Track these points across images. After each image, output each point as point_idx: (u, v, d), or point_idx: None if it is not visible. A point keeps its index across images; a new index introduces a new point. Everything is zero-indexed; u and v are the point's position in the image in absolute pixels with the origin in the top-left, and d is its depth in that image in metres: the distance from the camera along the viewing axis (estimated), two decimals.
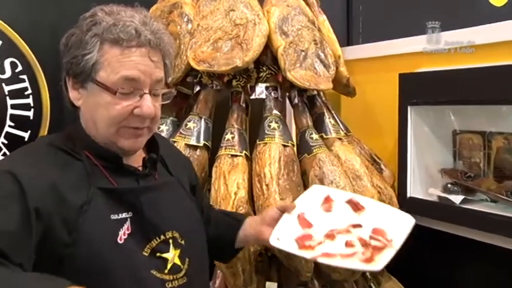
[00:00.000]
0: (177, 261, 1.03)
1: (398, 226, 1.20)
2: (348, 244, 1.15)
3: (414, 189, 1.79)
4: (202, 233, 1.17)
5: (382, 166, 1.87)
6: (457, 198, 1.67)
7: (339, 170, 1.56)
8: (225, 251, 1.31)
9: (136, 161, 1.08)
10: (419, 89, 1.74)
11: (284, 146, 1.56)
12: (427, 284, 1.89)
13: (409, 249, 1.82)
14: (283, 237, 1.17)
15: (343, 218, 1.24)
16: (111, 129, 0.99)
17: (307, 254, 1.14)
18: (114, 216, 0.97)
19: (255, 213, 1.47)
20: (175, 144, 1.56)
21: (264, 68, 1.64)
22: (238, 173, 1.48)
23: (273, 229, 1.19)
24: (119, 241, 0.96)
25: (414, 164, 1.80)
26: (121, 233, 0.96)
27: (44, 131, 1.71)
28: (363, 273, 1.81)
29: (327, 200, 1.29)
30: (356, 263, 1.10)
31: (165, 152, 1.14)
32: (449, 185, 1.72)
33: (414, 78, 1.76)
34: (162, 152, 1.12)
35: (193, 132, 1.57)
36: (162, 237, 1.02)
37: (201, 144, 1.56)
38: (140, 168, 1.07)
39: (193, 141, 1.56)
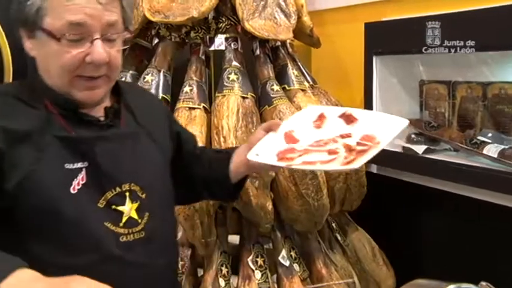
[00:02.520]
0: (134, 215, 1.00)
1: (389, 128, 1.12)
2: (331, 152, 1.09)
3: None
4: (168, 188, 1.13)
5: None
6: (419, 148, 1.66)
7: None
8: (224, 187, 1.25)
9: (101, 111, 1.03)
10: (384, 38, 1.71)
11: (243, 97, 1.54)
12: (392, 232, 1.91)
13: (373, 199, 1.86)
14: (263, 153, 1.12)
15: (333, 131, 1.16)
16: (64, 79, 0.95)
17: (282, 164, 1.09)
18: (68, 166, 0.94)
19: None
20: None
21: (223, 19, 1.61)
22: (196, 126, 1.47)
23: None
24: (71, 191, 0.93)
25: None
26: (75, 182, 0.94)
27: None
28: (329, 225, 1.84)
29: (320, 117, 1.21)
30: (332, 165, 1.05)
31: (135, 101, 1.10)
32: (412, 136, 1.71)
33: (379, 27, 1.73)
34: (131, 101, 1.08)
35: (151, 86, 1.55)
36: (118, 189, 0.99)
37: (160, 98, 1.54)
38: (102, 119, 1.02)
39: None
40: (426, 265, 1.83)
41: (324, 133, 1.17)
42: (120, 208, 0.98)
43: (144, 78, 1.56)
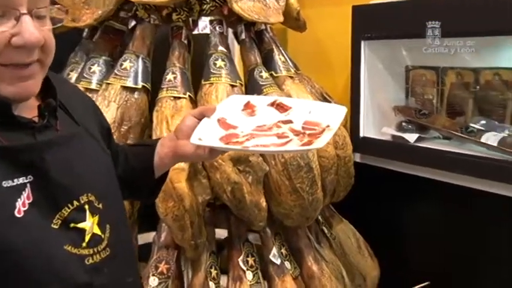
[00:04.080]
0: (97, 231, 0.83)
1: (331, 115, 1.08)
2: (280, 136, 1.04)
3: (367, 129, 1.72)
4: (119, 192, 0.97)
5: None
6: (411, 137, 1.61)
7: None
8: (147, 183, 1.11)
9: (30, 110, 0.82)
10: (373, 22, 1.64)
11: (232, 86, 1.42)
12: (375, 223, 1.86)
13: (359, 190, 1.80)
14: (205, 137, 1.03)
15: (270, 117, 1.11)
16: None
17: (236, 147, 1.02)
18: (7, 183, 0.74)
19: (202, 163, 1.35)
20: (109, 87, 1.39)
21: (207, 0, 1.47)
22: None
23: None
24: (16, 214, 0.74)
25: (367, 103, 1.72)
26: (19, 203, 0.74)
27: None
28: (316, 218, 1.76)
29: (248, 105, 1.15)
30: (295, 147, 1.01)
31: (65, 95, 0.90)
32: (403, 124, 1.65)
33: (368, 10, 1.64)
34: (61, 96, 0.88)
35: (129, 73, 1.40)
36: (76, 203, 0.81)
37: (140, 86, 1.40)
38: (36, 119, 0.82)
39: (130, 83, 1.39)
40: (411, 256, 1.80)
41: (261, 120, 1.11)
42: (80, 225, 0.81)
43: (122, 65, 1.41)
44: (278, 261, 1.51)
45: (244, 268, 1.45)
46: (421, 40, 1.57)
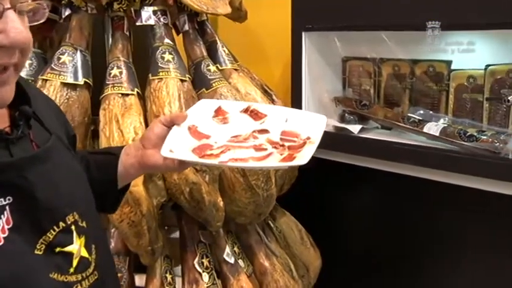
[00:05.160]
0: (84, 253, 0.76)
1: (310, 125, 1.05)
2: (258, 148, 0.99)
3: None
4: (95, 206, 0.89)
5: (274, 97, 1.75)
6: (355, 128, 1.63)
7: None
8: (110, 195, 1.04)
9: (3, 119, 0.74)
10: (315, 12, 1.63)
11: (182, 80, 1.34)
12: (315, 214, 1.89)
13: (303, 182, 1.80)
14: (177, 149, 0.96)
15: (245, 126, 1.06)
16: None
17: (212, 161, 0.96)
18: None
19: None
20: (47, 84, 1.26)
21: None
22: (134, 116, 1.25)
23: (158, 151, 0.96)
24: None
25: (308, 94, 1.72)
26: None
27: None
28: None
29: (219, 111, 1.10)
30: (276, 162, 0.95)
31: (33, 99, 0.80)
32: (346, 115, 1.68)
33: (309, 1, 1.63)
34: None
35: (69, 68, 1.27)
36: (62, 224, 0.73)
37: (81, 82, 1.27)
38: (8, 130, 0.73)
39: (70, 79, 1.26)
40: (355, 246, 1.84)
41: (235, 128, 1.07)
42: (68, 249, 0.73)
43: (59, 58, 1.27)
44: (232, 260, 1.47)
45: (200, 270, 1.39)
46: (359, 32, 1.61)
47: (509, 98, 1.40)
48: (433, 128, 1.48)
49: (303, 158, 0.93)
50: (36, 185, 0.69)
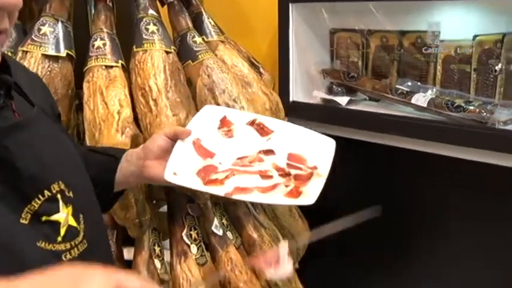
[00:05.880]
0: (72, 222, 0.75)
1: (318, 150, 1.05)
2: (264, 175, 0.99)
3: (296, 93, 1.72)
4: (87, 175, 0.88)
5: (261, 70, 1.74)
6: (343, 100, 1.63)
7: (230, 77, 1.39)
8: (101, 199, 0.98)
9: None
10: None
11: (167, 52, 1.32)
12: None
13: None
14: (181, 171, 0.96)
15: (250, 143, 1.07)
16: None
17: (217, 191, 0.94)
18: None
19: (143, 134, 1.25)
20: (28, 56, 1.23)
21: None
22: (118, 88, 1.23)
23: (160, 162, 0.97)
24: None
25: (296, 66, 1.70)
26: None
27: None
28: None
29: (225, 122, 1.11)
30: (282, 198, 0.94)
31: (15, 71, 0.78)
32: (334, 87, 1.67)
33: None
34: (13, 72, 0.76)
35: (50, 39, 1.24)
36: (47, 193, 0.72)
37: (64, 54, 1.25)
38: None
39: (52, 51, 1.24)
40: (340, 216, 1.85)
41: (241, 146, 1.06)
42: (54, 217, 0.72)
43: (40, 29, 1.24)
44: (220, 232, 1.47)
45: (188, 242, 1.39)
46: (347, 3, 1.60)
47: (496, 68, 1.39)
48: (421, 99, 1.48)
49: (310, 197, 0.93)
50: (16, 154, 0.68)
